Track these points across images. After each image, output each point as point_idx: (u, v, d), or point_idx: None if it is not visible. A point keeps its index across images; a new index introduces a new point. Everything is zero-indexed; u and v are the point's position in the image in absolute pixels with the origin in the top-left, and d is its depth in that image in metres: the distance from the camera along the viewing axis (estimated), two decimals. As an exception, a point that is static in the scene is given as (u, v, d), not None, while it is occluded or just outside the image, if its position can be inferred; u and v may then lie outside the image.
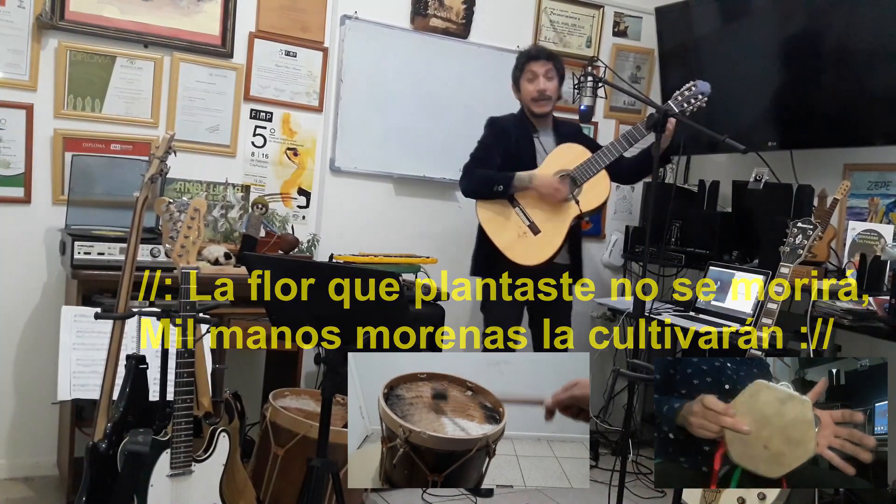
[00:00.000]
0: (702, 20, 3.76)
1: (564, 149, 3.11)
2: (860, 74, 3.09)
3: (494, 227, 3.06)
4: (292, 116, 3.39)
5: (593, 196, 3.04)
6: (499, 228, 3.06)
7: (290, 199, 3.42)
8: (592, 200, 3.04)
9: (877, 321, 2.62)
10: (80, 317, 2.40)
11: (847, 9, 3.11)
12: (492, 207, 3.07)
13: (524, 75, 3.13)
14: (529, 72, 3.11)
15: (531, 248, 3.03)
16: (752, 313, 3.09)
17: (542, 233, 3.03)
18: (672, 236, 3.80)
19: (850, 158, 3.29)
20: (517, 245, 3.03)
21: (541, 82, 3.10)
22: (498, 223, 3.06)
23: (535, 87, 3.10)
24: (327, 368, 1.89)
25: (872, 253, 2.84)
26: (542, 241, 3.03)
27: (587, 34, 4.00)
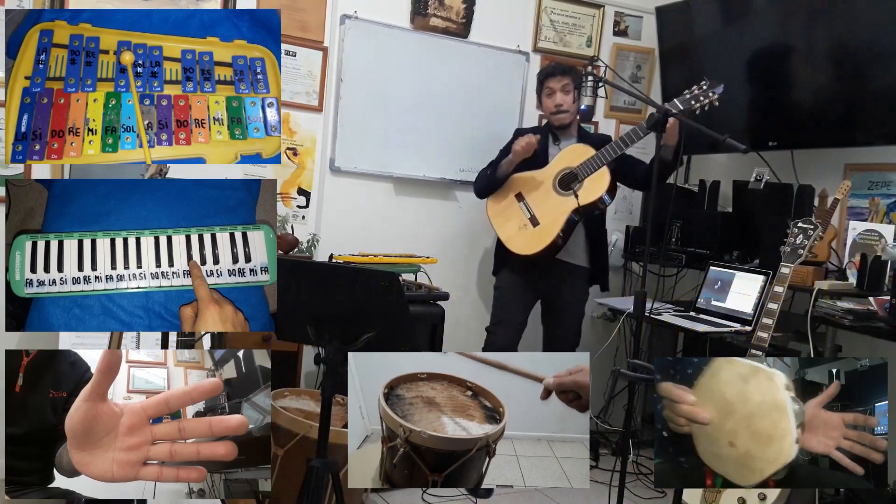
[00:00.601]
0: (702, 19, 3.76)
1: (571, 149, 3.25)
2: (860, 74, 3.08)
3: (500, 221, 3.26)
4: (292, 116, 3.39)
5: (592, 190, 3.15)
6: (503, 222, 3.25)
7: (289, 199, 3.42)
8: (590, 194, 3.15)
9: (877, 321, 2.61)
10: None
11: (847, 9, 3.10)
12: (499, 203, 3.27)
13: (543, 91, 3.32)
14: (547, 88, 3.30)
15: (530, 239, 3.17)
16: (752, 313, 3.09)
17: (542, 224, 3.17)
18: (672, 236, 3.80)
19: (850, 158, 3.29)
20: (518, 237, 3.20)
21: (557, 97, 3.26)
22: (503, 217, 3.25)
23: (553, 101, 3.28)
24: (327, 368, 1.89)
25: (873, 253, 2.84)
26: (539, 232, 3.17)
27: (587, 34, 4.00)
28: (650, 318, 3.25)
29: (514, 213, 3.22)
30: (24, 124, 1.72)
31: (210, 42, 1.83)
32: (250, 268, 1.74)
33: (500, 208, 3.26)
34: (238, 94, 1.82)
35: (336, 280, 1.93)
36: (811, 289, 2.83)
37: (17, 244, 1.67)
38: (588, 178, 3.12)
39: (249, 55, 1.84)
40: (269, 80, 1.83)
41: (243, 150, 1.80)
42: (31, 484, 1.55)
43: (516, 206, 3.22)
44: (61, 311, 1.66)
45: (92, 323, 1.67)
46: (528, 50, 3.84)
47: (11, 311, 1.68)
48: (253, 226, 1.76)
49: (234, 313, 1.68)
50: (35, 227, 1.71)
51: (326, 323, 1.89)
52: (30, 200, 1.72)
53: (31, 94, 1.74)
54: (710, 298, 3.33)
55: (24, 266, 1.66)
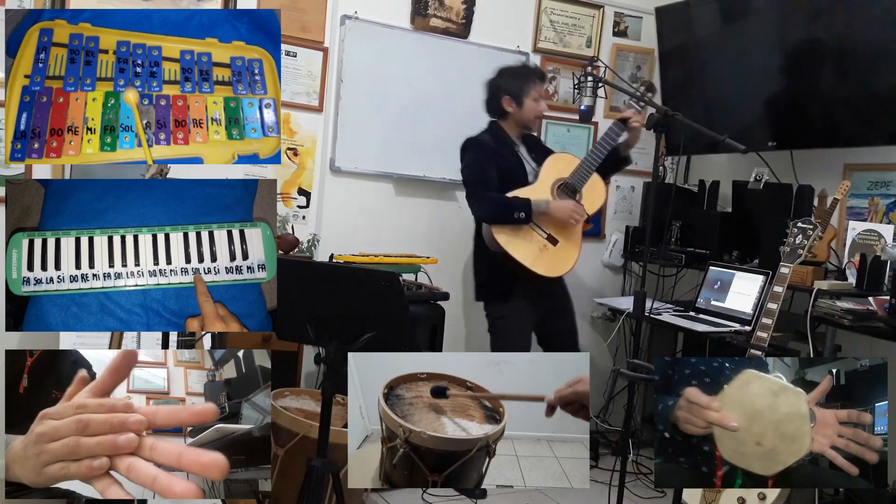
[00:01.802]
0: (702, 20, 3.76)
1: (555, 159, 3.18)
2: (860, 74, 3.08)
3: (515, 246, 3.04)
4: (292, 116, 3.39)
5: (595, 198, 3.13)
6: (520, 248, 3.04)
7: (290, 199, 3.42)
8: (595, 202, 3.13)
9: (877, 321, 2.61)
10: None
11: (847, 9, 3.11)
12: (507, 228, 3.05)
13: (531, 94, 3.15)
14: (536, 92, 3.16)
15: (556, 260, 3.07)
16: (752, 313, 3.09)
17: (561, 242, 3.07)
18: (672, 236, 3.80)
19: (850, 158, 3.29)
20: (541, 259, 3.05)
21: (542, 105, 3.18)
22: (518, 242, 3.04)
23: (539, 107, 3.17)
24: (327, 368, 1.89)
25: (872, 253, 2.84)
26: (563, 251, 3.08)
27: (587, 34, 4.00)
28: (650, 318, 3.25)
29: (527, 235, 3.04)
30: (23, 123, 1.72)
31: (209, 43, 1.84)
32: (247, 265, 1.74)
33: (510, 233, 3.03)
34: (236, 95, 1.82)
35: (336, 280, 1.93)
36: (811, 289, 2.83)
37: (13, 242, 1.66)
38: (585, 187, 3.09)
39: (248, 56, 1.85)
40: (267, 82, 1.84)
41: (240, 151, 1.80)
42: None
43: (526, 228, 3.04)
44: (59, 309, 1.66)
45: (90, 321, 1.67)
46: (527, 50, 3.84)
47: (9, 310, 1.67)
48: (250, 223, 1.76)
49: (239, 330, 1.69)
50: (32, 225, 1.70)
51: (326, 323, 1.89)
52: (26, 198, 1.71)
53: (31, 92, 1.74)
54: (710, 298, 3.33)
55: (22, 264, 1.65)
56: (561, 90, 3.96)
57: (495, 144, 3.17)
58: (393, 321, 1.86)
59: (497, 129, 3.20)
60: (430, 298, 3.29)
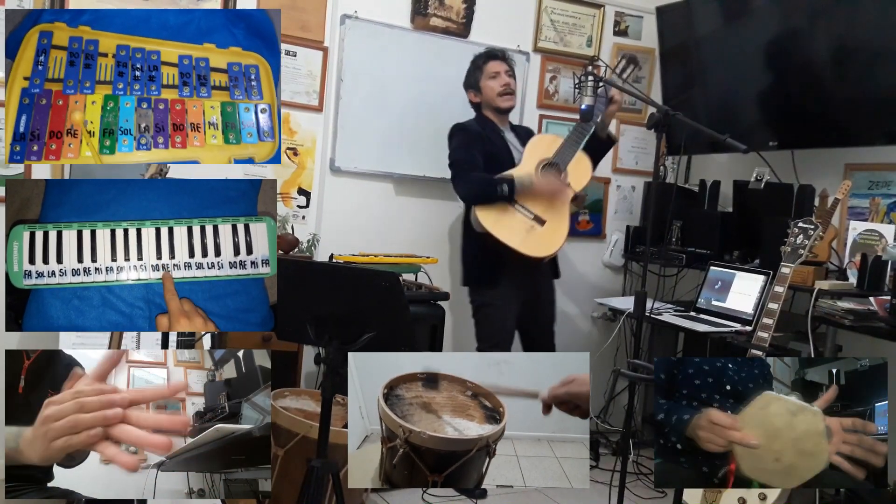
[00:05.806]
0: (702, 19, 3.75)
1: (537, 140, 3.23)
2: (861, 74, 3.08)
3: (501, 228, 3.04)
4: (292, 116, 3.39)
5: (580, 174, 3.14)
6: (506, 229, 3.05)
7: (289, 199, 3.42)
8: (581, 179, 3.14)
9: (877, 321, 2.61)
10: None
11: (847, 8, 3.10)
12: (492, 211, 3.06)
13: (485, 74, 3.23)
14: (491, 70, 3.22)
15: (543, 239, 3.07)
16: (752, 313, 3.09)
17: (548, 222, 3.08)
18: (673, 236, 3.80)
19: (850, 158, 3.29)
20: (529, 240, 3.05)
21: (503, 77, 3.21)
22: (504, 224, 3.05)
23: (499, 82, 3.21)
24: (327, 368, 1.89)
25: (873, 253, 2.83)
26: (550, 230, 3.07)
27: (588, 34, 4.00)
28: (650, 318, 3.24)
29: (512, 217, 3.06)
30: (22, 125, 1.72)
31: (206, 48, 1.85)
32: (251, 260, 1.74)
33: (496, 216, 3.05)
34: (233, 100, 1.84)
35: (336, 280, 1.93)
36: (811, 289, 2.82)
37: (14, 234, 1.65)
38: (570, 165, 3.11)
39: (244, 62, 1.86)
40: (263, 87, 1.86)
41: (237, 154, 1.82)
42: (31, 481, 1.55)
43: (511, 209, 3.06)
44: (61, 302, 1.65)
45: (91, 314, 1.66)
46: (528, 50, 3.84)
47: (10, 303, 1.67)
48: (255, 217, 1.76)
49: (203, 325, 1.69)
50: (32, 217, 1.69)
51: (326, 323, 1.89)
52: (26, 190, 1.71)
53: (30, 94, 1.74)
54: (711, 298, 3.33)
55: (23, 257, 1.64)
56: (561, 90, 3.95)
57: (481, 129, 3.22)
58: (393, 321, 1.86)
59: (482, 118, 3.29)
60: (430, 298, 3.29)
